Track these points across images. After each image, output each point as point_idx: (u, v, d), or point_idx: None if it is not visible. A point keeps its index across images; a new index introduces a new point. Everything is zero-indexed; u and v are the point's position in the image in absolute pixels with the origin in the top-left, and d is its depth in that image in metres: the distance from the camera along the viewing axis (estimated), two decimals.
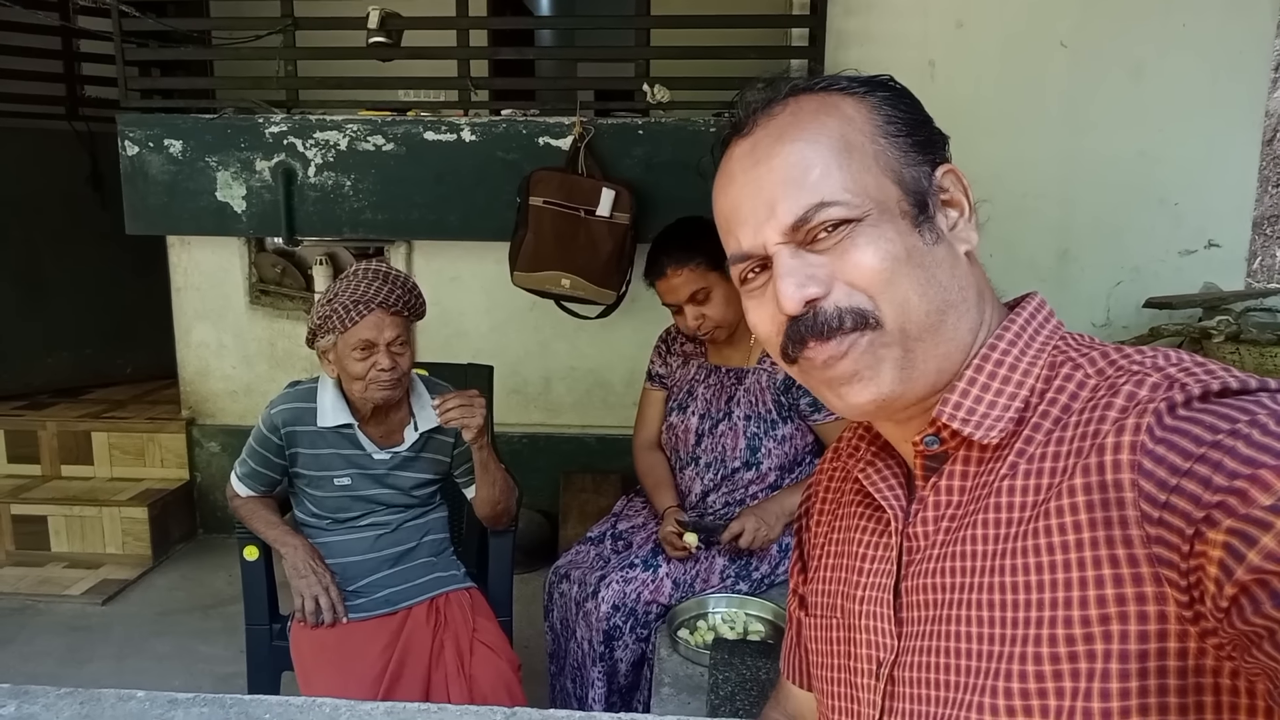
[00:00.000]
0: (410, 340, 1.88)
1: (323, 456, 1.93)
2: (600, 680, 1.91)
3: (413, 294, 1.86)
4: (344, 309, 1.79)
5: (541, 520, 3.45)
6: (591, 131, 3.05)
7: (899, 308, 0.67)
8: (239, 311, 3.60)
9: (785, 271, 0.68)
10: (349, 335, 1.80)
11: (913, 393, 0.69)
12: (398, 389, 1.88)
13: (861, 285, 0.67)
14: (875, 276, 0.67)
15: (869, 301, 0.67)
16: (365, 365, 1.82)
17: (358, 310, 1.79)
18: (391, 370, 1.82)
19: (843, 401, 0.70)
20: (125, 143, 3.26)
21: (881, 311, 0.67)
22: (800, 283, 0.67)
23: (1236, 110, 3.17)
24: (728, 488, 2.06)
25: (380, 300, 1.79)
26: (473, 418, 1.81)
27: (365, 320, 1.79)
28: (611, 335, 3.39)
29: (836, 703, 0.79)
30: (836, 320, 0.67)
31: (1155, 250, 3.27)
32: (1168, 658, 0.56)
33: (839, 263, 0.67)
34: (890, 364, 0.68)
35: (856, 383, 0.69)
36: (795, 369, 0.72)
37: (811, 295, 0.67)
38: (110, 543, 3.47)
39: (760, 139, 0.71)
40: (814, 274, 0.68)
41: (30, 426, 3.72)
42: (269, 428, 1.92)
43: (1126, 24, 3.12)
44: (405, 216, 3.27)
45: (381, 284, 1.81)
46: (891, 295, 0.67)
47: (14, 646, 2.86)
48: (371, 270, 1.84)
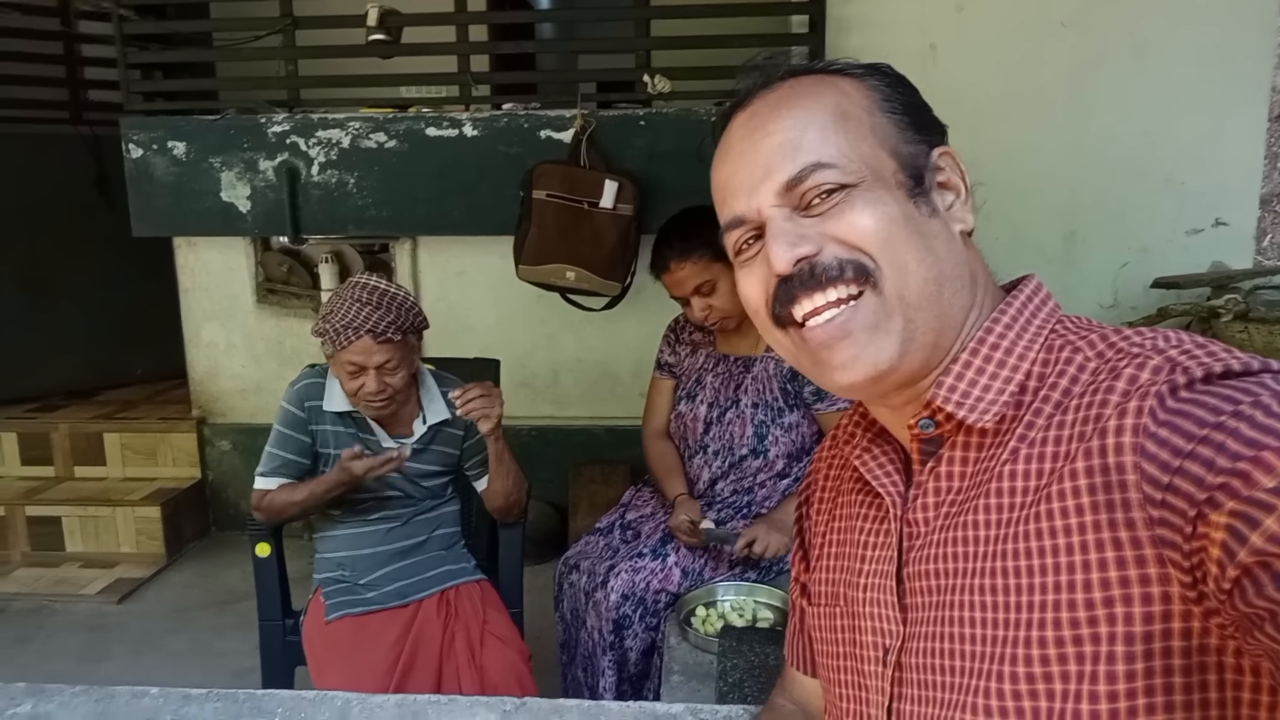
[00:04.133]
0: (406, 357, 1.87)
1: (340, 434, 1.95)
2: (611, 669, 1.92)
3: (405, 315, 1.84)
4: (334, 331, 1.80)
5: (551, 512, 3.46)
6: (593, 123, 3.04)
7: (898, 270, 0.66)
8: (247, 310, 3.62)
9: (778, 232, 0.68)
10: (339, 355, 1.83)
11: (906, 367, 0.68)
12: (390, 406, 1.89)
13: (859, 244, 0.66)
14: (873, 237, 0.66)
15: (869, 260, 0.66)
16: (355, 384, 1.84)
17: (345, 336, 1.79)
18: (379, 393, 1.84)
19: (837, 375, 0.69)
20: (129, 146, 3.28)
21: (882, 272, 0.66)
22: (792, 242, 0.67)
23: (1242, 87, 3.13)
24: (735, 475, 2.07)
25: (369, 328, 1.78)
26: (493, 410, 1.84)
27: (353, 346, 1.80)
28: (618, 326, 3.39)
29: (844, 690, 0.79)
30: (836, 269, 0.66)
31: (1162, 230, 3.25)
32: (1172, 638, 0.56)
33: (834, 225, 0.67)
34: (887, 333, 0.67)
35: (852, 351, 0.67)
36: (785, 339, 0.71)
37: (804, 254, 0.67)
38: (124, 542, 3.50)
39: (759, 109, 0.72)
40: (806, 234, 0.67)
41: (43, 429, 3.75)
42: (294, 404, 1.94)
43: (1128, 2, 3.09)
44: (409, 213, 3.28)
45: (373, 310, 1.79)
46: (890, 257, 0.66)
47: (31, 646, 2.89)
48: (366, 290, 1.82)
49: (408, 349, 1.88)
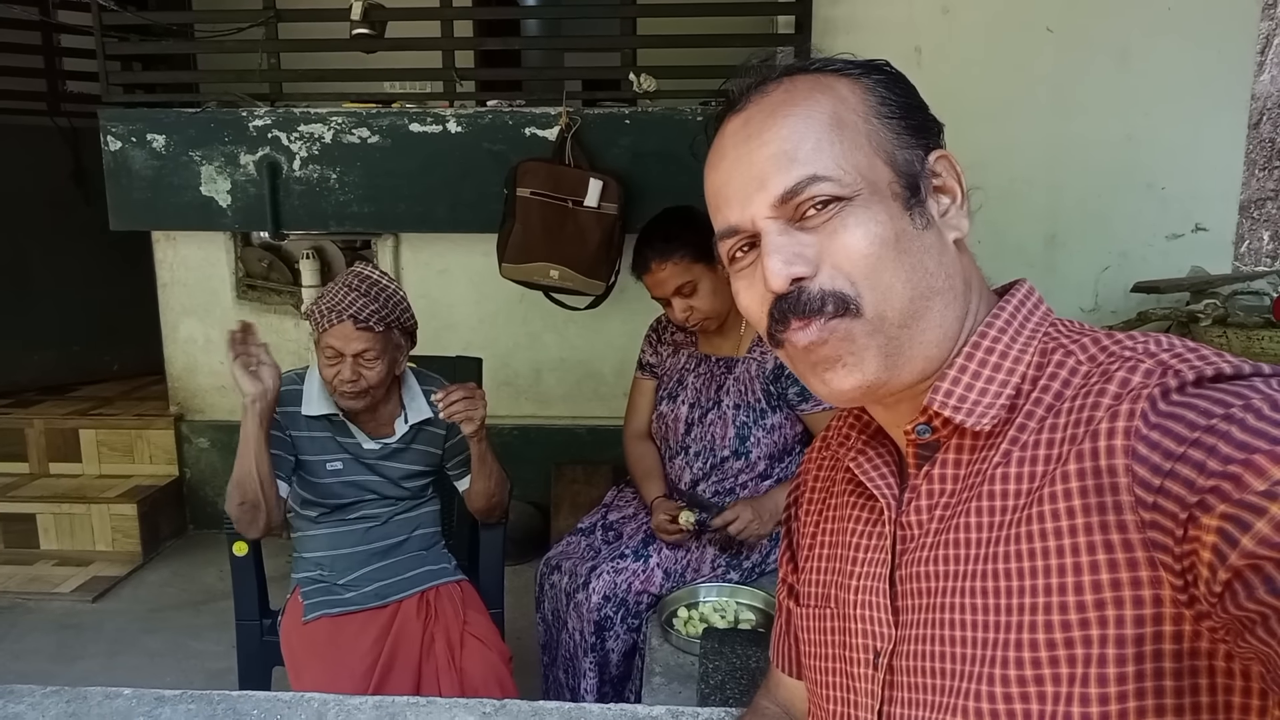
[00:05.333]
0: (387, 352, 1.85)
1: (317, 440, 1.93)
2: (592, 671, 1.91)
3: (391, 308, 1.83)
4: (320, 313, 1.81)
5: (533, 512, 3.45)
6: (578, 121, 3.03)
7: (881, 294, 0.66)
8: (226, 306, 3.58)
9: (773, 248, 0.67)
10: (322, 339, 1.83)
11: (898, 380, 0.69)
12: (362, 400, 1.87)
13: (846, 269, 0.67)
14: (861, 261, 0.66)
15: (851, 287, 0.67)
16: (331, 371, 1.84)
17: (328, 319, 1.80)
18: (352, 383, 1.83)
19: (827, 387, 0.70)
20: (108, 138, 3.23)
21: (862, 298, 0.66)
22: (788, 260, 0.67)
23: (1222, 94, 3.17)
24: (717, 477, 2.06)
25: (352, 313, 1.78)
26: (476, 411, 1.82)
27: (334, 329, 1.80)
28: (601, 326, 3.38)
29: (832, 692, 0.79)
30: (819, 302, 0.67)
31: (1143, 234, 3.28)
32: (1163, 641, 0.56)
33: (828, 243, 0.67)
34: (872, 351, 0.67)
35: (840, 368, 0.68)
36: (783, 352, 0.72)
37: (798, 274, 0.67)
38: (100, 540, 3.46)
39: (753, 114, 0.71)
40: (802, 253, 0.67)
41: (17, 424, 3.70)
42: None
43: (1112, 8, 3.12)
44: (392, 209, 3.26)
45: (359, 297, 1.80)
46: (875, 281, 0.66)
47: (4, 645, 2.85)
48: (358, 278, 1.83)
49: (389, 344, 1.86)
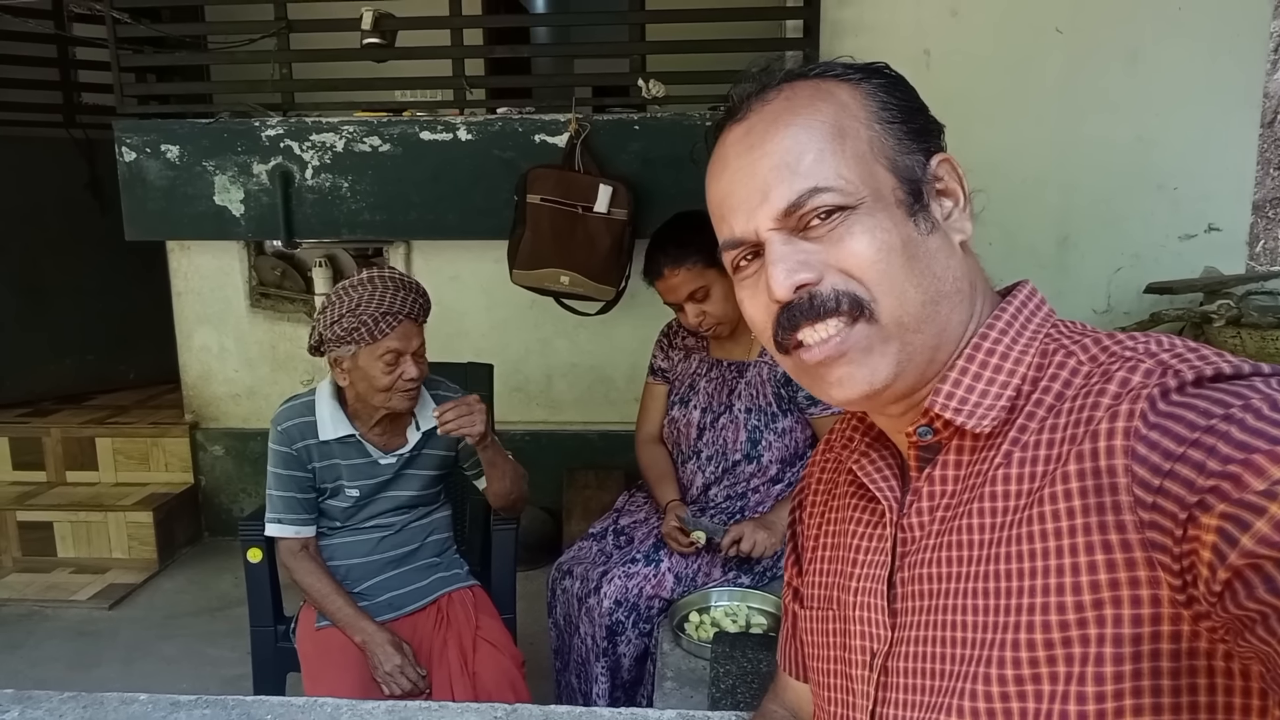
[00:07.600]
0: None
1: (335, 467, 1.91)
2: (604, 675, 1.91)
3: (428, 299, 1.88)
4: (373, 320, 1.76)
5: (545, 517, 3.46)
6: (587, 128, 3.04)
7: (897, 300, 0.67)
8: (240, 315, 3.61)
9: (776, 258, 0.68)
10: (376, 346, 1.78)
11: (903, 383, 0.69)
12: (414, 400, 1.89)
13: (856, 274, 0.67)
14: (870, 267, 0.66)
15: (865, 291, 0.67)
16: (392, 376, 1.80)
17: (386, 322, 1.77)
18: (415, 380, 1.83)
19: (833, 392, 0.70)
20: (123, 149, 3.27)
21: (878, 304, 0.67)
22: (791, 269, 0.67)
23: (1234, 93, 3.15)
24: (729, 481, 2.06)
25: (407, 311, 1.80)
26: (473, 425, 1.80)
27: (396, 330, 1.79)
28: (612, 331, 3.39)
29: (832, 694, 0.79)
30: (834, 301, 0.67)
31: (1155, 235, 3.26)
32: (1161, 640, 0.56)
33: (833, 251, 0.67)
34: (883, 355, 0.68)
35: (848, 370, 0.68)
36: (788, 360, 0.72)
37: (802, 281, 0.67)
38: (116, 547, 3.49)
39: (754, 124, 0.71)
40: (806, 260, 0.67)
41: (35, 433, 3.74)
42: (285, 443, 1.88)
43: (1121, 8, 3.11)
44: (403, 217, 3.27)
45: (406, 294, 1.81)
46: (888, 286, 0.66)
47: (22, 652, 2.87)
48: (392, 280, 1.82)
49: None
